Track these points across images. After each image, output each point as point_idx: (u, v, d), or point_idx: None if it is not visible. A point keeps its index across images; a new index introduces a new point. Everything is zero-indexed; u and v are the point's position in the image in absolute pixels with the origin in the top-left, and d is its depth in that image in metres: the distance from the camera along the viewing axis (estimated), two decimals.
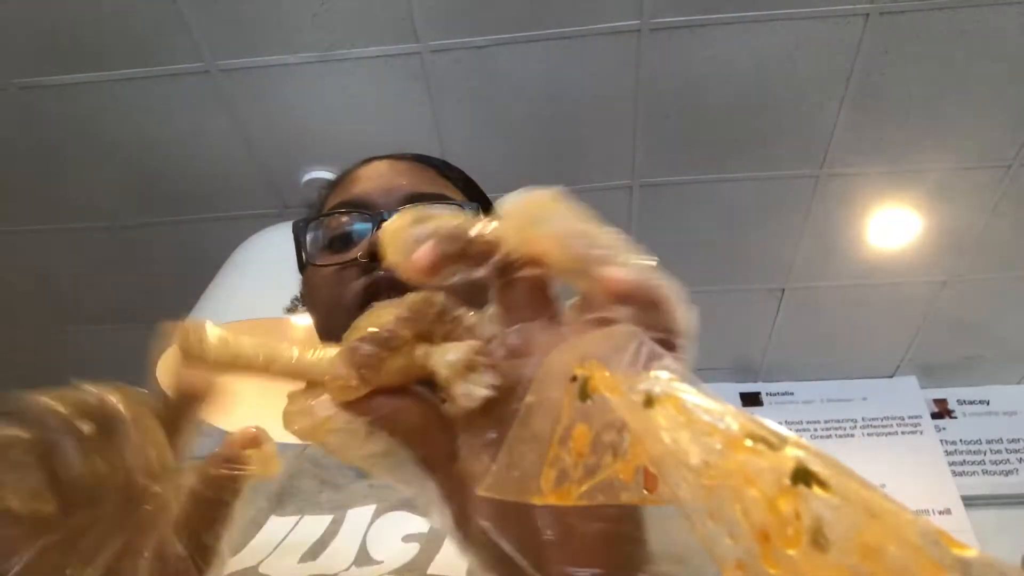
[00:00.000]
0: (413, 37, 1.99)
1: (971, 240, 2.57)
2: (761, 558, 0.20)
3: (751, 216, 2.51)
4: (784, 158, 2.31)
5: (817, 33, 1.98)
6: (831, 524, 0.20)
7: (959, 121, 2.19)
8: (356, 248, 0.67)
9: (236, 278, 1.53)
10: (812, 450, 0.21)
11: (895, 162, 2.32)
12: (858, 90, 2.11)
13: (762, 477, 0.21)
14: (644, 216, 2.51)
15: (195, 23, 1.94)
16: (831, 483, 0.20)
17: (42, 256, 2.58)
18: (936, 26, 1.95)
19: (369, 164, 0.77)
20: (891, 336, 3.06)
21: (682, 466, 0.22)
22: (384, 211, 0.68)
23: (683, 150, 2.30)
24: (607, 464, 0.25)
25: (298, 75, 2.07)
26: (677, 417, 0.23)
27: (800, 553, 0.20)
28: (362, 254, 0.64)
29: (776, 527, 0.20)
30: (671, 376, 0.24)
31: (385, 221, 0.67)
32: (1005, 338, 3.03)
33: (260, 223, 1.94)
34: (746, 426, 0.22)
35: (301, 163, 2.29)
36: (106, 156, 2.24)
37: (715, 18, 1.95)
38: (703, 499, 0.22)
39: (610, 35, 1.99)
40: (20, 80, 2.05)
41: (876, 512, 0.20)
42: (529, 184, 0.33)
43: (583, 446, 0.25)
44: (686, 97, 2.14)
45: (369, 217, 0.68)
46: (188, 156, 2.23)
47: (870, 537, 0.19)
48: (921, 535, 0.19)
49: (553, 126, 2.22)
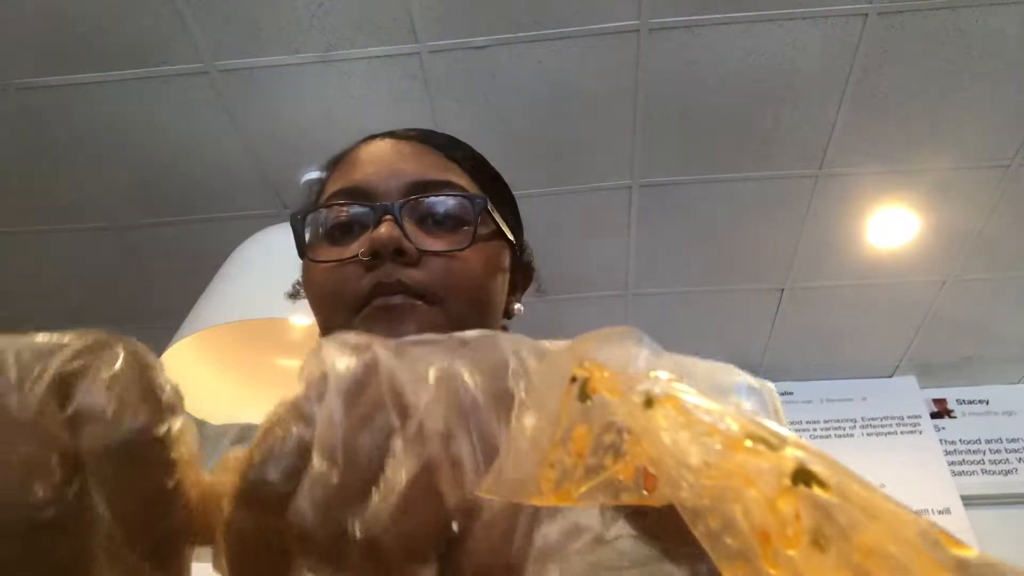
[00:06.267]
0: (412, 37, 1.99)
1: (970, 240, 2.57)
2: (761, 558, 0.20)
3: (751, 216, 2.51)
4: (783, 158, 2.32)
5: (816, 33, 1.98)
6: (831, 524, 0.20)
7: (958, 121, 2.19)
8: (357, 243, 0.64)
9: (236, 278, 1.53)
10: (812, 450, 0.21)
11: (894, 162, 2.32)
12: (857, 90, 2.11)
13: (762, 477, 0.21)
14: (644, 216, 2.51)
15: (195, 23, 1.94)
16: (831, 483, 0.20)
17: (42, 257, 2.58)
18: (935, 26, 1.95)
19: (371, 143, 0.73)
20: (890, 336, 3.06)
21: (682, 466, 0.22)
22: (386, 202, 0.65)
23: (683, 150, 2.30)
24: (607, 465, 0.25)
25: (297, 75, 2.07)
26: (677, 417, 0.23)
27: (800, 553, 0.20)
28: (364, 251, 0.62)
29: (776, 527, 0.20)
30: (671, 376, 0.24)
31: (387, 213, 0.66)
32: (1004, 338, 3.03)
33: (260, 223, 1.94)
34: (746, 426, 0.22)
35: (300, 163, 2.28)
36: (106, 157, 2.24)
37: (715, 18, 1.95)
38: (703, 499, 0.22)
39: (610, 35, 1.99)
40: (20, 80, 2.04)
41: (876, 512, 0.20)
42: (529, 184, 0.33)
43: (583, 447, 0.25)
44: (686, 97, 2.14)
45: (370, 208, 0.65)
46: (188, 156, 2.24)
47: (870, 537, 0.19)
48: (921, 535, 0.19)
49: (553, 126, 2.22)
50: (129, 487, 0.27)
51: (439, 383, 0.28)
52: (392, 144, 0.72)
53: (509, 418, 0.28)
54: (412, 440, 0.26)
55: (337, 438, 0.27)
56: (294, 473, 0.27)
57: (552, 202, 2.39)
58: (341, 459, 0.26)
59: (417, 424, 0.27)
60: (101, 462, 0.26)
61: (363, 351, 0.29)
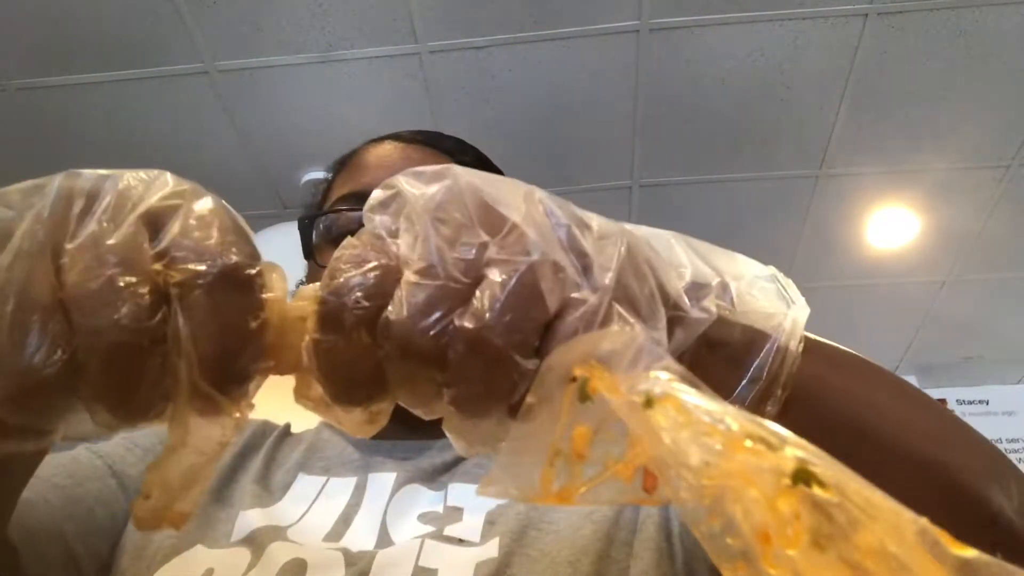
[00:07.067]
0: (412, 38, 1.99)
1: (970, 240, 2.58)
2: (761, 558, 0.20)
3: (750, 216, 2.51)
4: (783, 158, 2.32)
5: (817, 33, 1.98)
6: (831, 524, 0.20)
7: (958, 121, 2.19)
8: None
9: None
10: (812, 450, 0.21)
11: (894, 162, 2.32)
12: (857, 90, 2.11)
13: (762, 477, 0.21)
14: (644, 216, 2.51)
15: (194, 24, 1.94)
16: (831, 483, 0.20)
17: None
18: (935, 26, 1.95)
19: (377, 146, 0.73)
20: (890, 336, 3.06)
21: (682, 466, 0.22)
22: None
23: (682, 150, 2.30)
24: (607, 465, 0.26)
25: (297, 76, 2.07)
26: (677, 417, 0.23)
27: (800, 553, 0.20)
28: None
29: (776, 527, 0.20)
30: (671, 376, 0.24)
31: None
32: (1004, 338, 3.03)
33: (260, 223, 1.95)
34: (746, 426, 0.22)
35: (300, 163, 2.29)
36: (106, 157, 2.24)
37: (715, 18, 1.95)
38: (703, 499, 0.22)
39: (610, 35, 1.99)
40: (20, 80, 2.05)
41: (876, 512, 0.20)
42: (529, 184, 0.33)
43: (583, 446, 0.26)
44: (686, 97, 2.15)
45: None
46: (188, 157, 2.24)
47: (870, 537, 0.19)
48: (921, 535, 0.19)
49: (553, 126, 2.22)
50: (214, 321, 0.27)
51: (528, 199, 0.29)
52: (399, 148, 0.72)
53: (589, 239, 0.30)
54: (512, 246, 0.27)
55: (431, 251, 0.27)
56: (380, 289, 0.28)
57: None
58: (439, 267, 0.27)
59: (517, 233, 0.28)
60: (189, 294, 0.27)
61: (442, 176, 0.30)
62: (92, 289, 0.26)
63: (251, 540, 0.55)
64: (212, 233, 0.28)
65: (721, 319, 0.33)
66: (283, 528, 0.56)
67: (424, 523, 0.56)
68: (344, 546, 0.54)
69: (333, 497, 0.60)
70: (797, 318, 0.36)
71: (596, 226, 0.31)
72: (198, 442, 0.29)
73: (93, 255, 0.27)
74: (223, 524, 0.58)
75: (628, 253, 0.30)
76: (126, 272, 0.26)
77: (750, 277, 0.36)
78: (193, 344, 0.26)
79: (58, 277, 0.26)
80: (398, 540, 0.55)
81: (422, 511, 0.57)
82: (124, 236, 0.27)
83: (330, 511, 0.59)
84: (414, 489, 0.60)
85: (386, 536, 0.56)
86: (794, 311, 0.36)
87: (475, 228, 0.28)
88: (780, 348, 0.35)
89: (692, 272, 0.33)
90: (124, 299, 0.26)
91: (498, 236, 0.28)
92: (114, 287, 0.26)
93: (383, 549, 0.53)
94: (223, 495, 0.62)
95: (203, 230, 0.28)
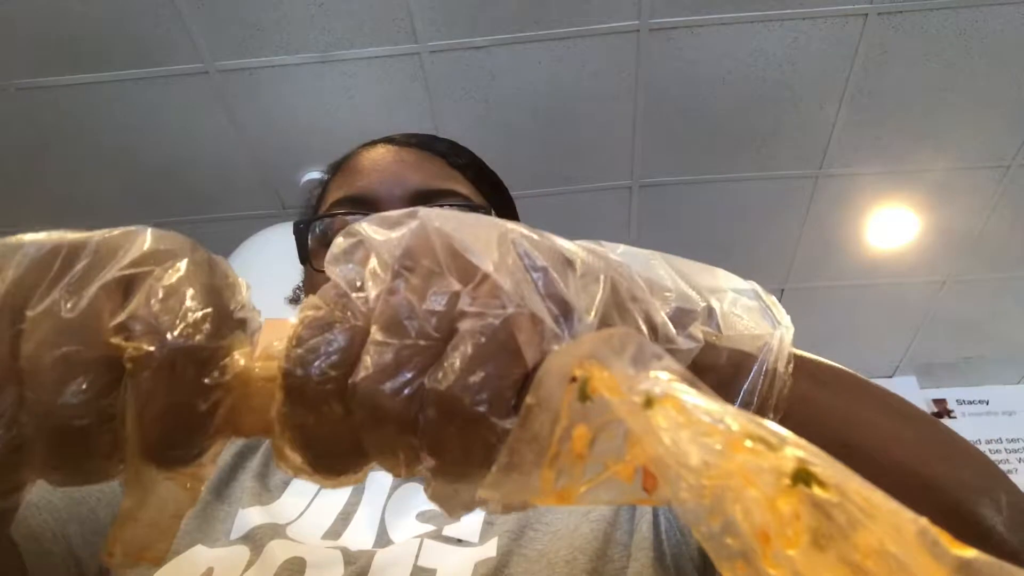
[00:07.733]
0: (412, 38, 1.99)
1: (970, 240, 2.58)
2: (761, 558, 0.20)
3: (750, 216, 2.51)
4: (783, 158, 2.32)
5: (816, 33, 1.98)
6: (831, 524, 0.20)
7: (958, 121, 2.20)
8: None
9: None
10: (812, 450, 0.21)
11: (894, 162, 2.32)
12: (857, 90, 2.11)
13: (762, 477, 0.21)
14: (643, 216, 2.51)
15: (194, 24, 1.94)
16: (831, 483, 0.20)
17: None
18: (935, 26, 1.95)
19: (372, 150, 0.73)
20: (890, 336, 3.06)
21: (682, 466, 0.22)
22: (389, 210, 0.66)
23: (682, 150, 2.30)
24: (607, 465, 0.26)
25: (297, 75, 2.07)
26: (677, 418, 0.23)
27: (800, 553, 0.20)
28: None
29: (776, 527, 0.20)
30: (671, 376, 0.24)
31: None
32: (1004, 338, 3.03)
33: (259, 223, 1.95)
34: (746, 426, 0.22)
35: (300, 163, 2.29)
36: (105, 157, 2.24)
37: (714, 18, 1.95)
38: (703, 499, 0.22)
39: (610, 35, 1.99)
40: (20, 80, 2.04)
41: (876, 512, 0.20)
42: (529, 184, 0.33)
43: (583, 446, 0.26)
44: (686, 97, 2.15)
45: None
46: (188, 157, 2.24)
47: (870, 537, 0.19)
48: (921, 535, 0.19)
49: (553, 126, 2.22)
50: (159, 402, 0.26)
51: (501, 243, 0.27)
52: (394, 151, 0.72)
53: (571, 280, 0.28)
54: (485, 297, 0.26)
55: (398, 306, 0.26)
56: (346, 355, 0.26)
57: (552, 202, 2.39)
58: (406, 324, 0.26)
59: (490, 284, 0.26)
60: (139, 373, 0.25)
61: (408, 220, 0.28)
62: (44, 364, 0.25)
63: (250, 538, 0.55)
64: (172, 305, 0.26)
65: (708, 345, 0.33)
66: (282, 526, 0.57)
67: (423, 522, 0.56)
68: (343, 545, 0.54)
69: (332, 495, 0.60)
70: (784, 338, 0.35)
71: (580, 262, 0.29)
72: (158, 501, 0.28)
73: (51, 325, 0.26)
74: (222, 522, 0.58)
75: (612, 290, 0.29)
76: (81, 347, 0.25)
77: (732, 295, 0.36)
78: (138, 424, 0.26)
79: (16, 345, 0.26)
80: (397, 539, 0.55)
81: (421, 510, 0.58)
82: (83, 308, 0.26)
83: (329, 509, 0.59)
84: (413, 488, 0.60)
85: (385, 535, 0.56)
86: (780, 331, 0.36)
87: (445, 276, 0.26)
88: (768, 371, 0.34)
89: (677, 296, 0.32)
90: (75, 376, 0.25)
91: (470, 285, 0.26)
92: (67, 363, 0.25)
93: (382, 548, 0.53)
94: (223, 492, 0.62)
95: (165, 301, 0.26)
